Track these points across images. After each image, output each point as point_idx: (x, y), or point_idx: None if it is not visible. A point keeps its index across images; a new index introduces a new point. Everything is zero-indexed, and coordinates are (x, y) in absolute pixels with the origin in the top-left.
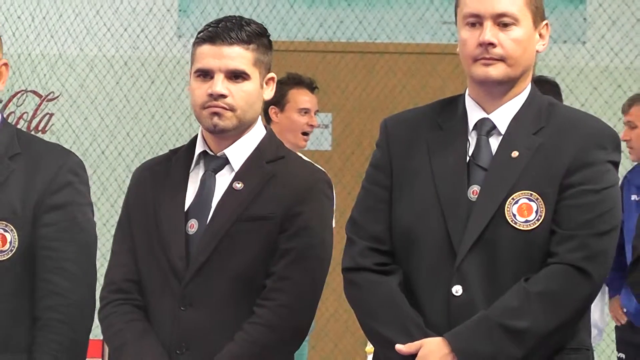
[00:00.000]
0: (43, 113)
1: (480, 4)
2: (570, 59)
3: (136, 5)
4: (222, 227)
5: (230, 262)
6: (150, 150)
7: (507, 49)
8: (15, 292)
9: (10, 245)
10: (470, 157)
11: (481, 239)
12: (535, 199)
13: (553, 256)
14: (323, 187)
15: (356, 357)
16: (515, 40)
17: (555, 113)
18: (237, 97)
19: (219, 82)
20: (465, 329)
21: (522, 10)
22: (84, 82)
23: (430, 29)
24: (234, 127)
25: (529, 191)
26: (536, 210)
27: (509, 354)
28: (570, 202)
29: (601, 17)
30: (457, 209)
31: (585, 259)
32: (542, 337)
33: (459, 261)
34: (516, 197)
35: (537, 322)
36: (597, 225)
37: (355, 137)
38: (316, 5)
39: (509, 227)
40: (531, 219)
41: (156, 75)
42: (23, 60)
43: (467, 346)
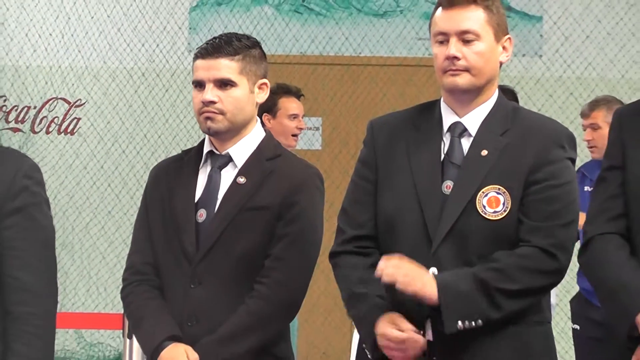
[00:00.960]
0: (71, 117)
1: (446, 23)
2: (528, 70)
3: (152, 24)
4: (227, 216)
5: (234, 246)
6: (164, 150)
7: (471, 61)
8: None
9: None
10: (444, 156)
11: (454, 228)
12: (503, 193)
13: (524, 243)
14: (315, 181)
15: (343, 329)
16: (478, 53)
17: (519, 117)
18: (226, 102)
19: (208, 90)
20: (450, 272)
21: (484, 27)
22: (107, 90)
23: (407, 44)
24: (225, 128)
25: (497, 185)
26: (503, 203)
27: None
28: (536, 196)
29: (555, 34)
30: (432, 201)
31: (552, 245)
32: (512, 296)
33: (434, 247)
34: (486, 191)
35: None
36: (562, 216)
37: (342, 138)
38: (308, 24)
39: (479, 217)
40: (499, 210)
41: (169, 84)
42: (54, 71)
43: (449, 280)
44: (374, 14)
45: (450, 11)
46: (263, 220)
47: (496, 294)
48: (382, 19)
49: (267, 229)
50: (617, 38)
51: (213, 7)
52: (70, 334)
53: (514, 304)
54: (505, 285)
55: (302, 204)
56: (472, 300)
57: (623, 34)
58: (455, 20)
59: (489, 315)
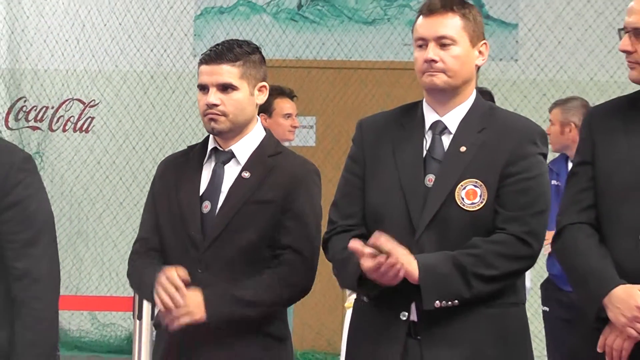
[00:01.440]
0: (86, 117)
1: (425, 29)
2: (505, 73)
3: (160, 31)
4: (233, 208)
5: (240, 236)
6: (171, 146)
7: (447, 64)
8: None
9: None
10: (426, 152)
11: (436, 218)
12: (480, 185)
13: (500, 231)
14: (313, 176)
15: (336, 311)
16: (454, 56)
17: (495, 116)
18: (228, 105)
19: (212, 94)
20: (431, 255)
21: (460, 33)
22: (119, 92)
23: (394, 49)
24: (228, 128)
25: (475, 179)
26: (480, 195)
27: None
28: (511, 188)
29: (530, 40)
30: (416, 194)
31: (526, 233)
32: (488, 280)
33: (418, 235)
34: (464, 184)
35: (487, 267)
36: (534, 206)
37: (335, 135)
38: (303, 31)
39: (458, 208)
40: (476, 202)
41: (176, 86)
42: (70, 74)
43: (430, 262)
44: (364, 21)
45: (430, 18)
46: (267, 213)
47: (472, 278)
48: (371, 26)
49: (271, 221)
50: (587, 44)
51: (216, 15)
52: (85, 315)
53: (488, 287)
54: (482, 269)
55: (302, 197)
56: (450, 282)
57: (592, 40)
58: (433, 26)
59: (464, 296)
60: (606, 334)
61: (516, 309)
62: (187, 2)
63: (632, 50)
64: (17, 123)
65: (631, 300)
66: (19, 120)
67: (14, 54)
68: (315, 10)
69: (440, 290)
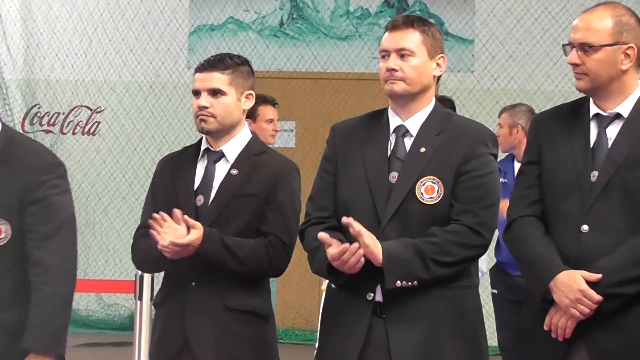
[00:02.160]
0: (93, 122)
1: (388, 42)
2: (462, 83)
3: (158, 46)
4: (223, 201)
5: (229, 225)
6: (168, 147)
7: (406, 73)
8: (12, 267)
9: (4, 234)
10: (390, 152)
11: (398, 211)
12: (437, 182)
13: (454, 222)
14: (293, 172)
15: (313, 292)
16: (412, 66)
17: (451, 121)
18: (217, 108)
19: (203, 98)
20: (395, 241)
21: (419, 46)
22: (122, 99)
23: (364, 62)
24: (215, 129)
25: (433, 176)
26: (437, 190)
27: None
28: (465, 184)
29: (484, 54)
30: (381, 189)
31: (478, 224)
32: (444, 266)
33: (382, 226)
34: (424, 181)
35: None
36: (485, 200)
37: (312, 138)
38: (284, 46)
39: (418, 202)
40: (434, 196)
41: (172, 95)
42: (79, 84)
43: (393, 247)
44: (338, 37)
45: (393, 33)
46: (253, 205)
47: (430, 262)
48: (344, 42)
49: (255, 212)
50: (534, 57)
51: (207, 32)
52: (92, 297)
53: (444, 271)
54: (439, 256)
55: (284, 191)
56: (410, 265)
57: (539, 54)
58: (395, 40)
59: (423, 277)
60: (552, 313)
61: (470, 291)
62: (182, 20)
63: (580, 62)
64: (32, 127)
65: (574, 284)
66: (33, 124)
67: (29, 65)
68: (295, 28)
69: (401, 271)
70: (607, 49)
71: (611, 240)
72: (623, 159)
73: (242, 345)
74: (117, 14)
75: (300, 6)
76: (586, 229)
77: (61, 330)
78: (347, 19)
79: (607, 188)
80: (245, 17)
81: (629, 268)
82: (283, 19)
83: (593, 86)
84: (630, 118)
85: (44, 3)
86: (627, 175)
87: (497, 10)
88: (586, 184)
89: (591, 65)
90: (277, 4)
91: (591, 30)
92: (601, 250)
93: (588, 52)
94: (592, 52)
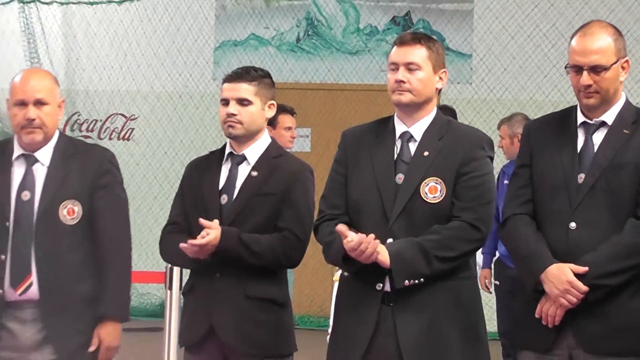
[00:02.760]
0: (127, 128)
1: (397, 56)
2: (461, 93)
3: (187, 59)
4: (244, 200)
5: (248, 221)
6: (196, 152)
7: (413, 85)
8: (82, 243)
9: (77, 214)
10: (397, 156)
11: (405, 209)
12: (440, 183)
13: (455, 218)
14: (307, 173)
15: (326, 282)
16: (419, 79)
17: (452, 127)
18: (244, 115)
19: (231, 106)
20: (400, 242)
21: (425, 61)
22: (154, 108)
23: (373, 74)
24: (242, 134)
25: (436, 177)
26: (440, 190)
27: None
28: (464, 184)
29: (481, 67)
30: (388, 190)
31: (476, 219)
32: (446, 261)
33: (390, 224)
34: (428, 182)
35: (446, 251)
36: (482, 198)
37: (326, 143)
38: (301, 60)
39: (422, 201)
40: (437, 196)
41: (199, 104)
42: (115, 94)
43: (398, 249)
44: (349, 52)
45: (401, 48)
46: (270, 203)
47: (433, 259)
48: (354, 56)
49: (272, 209)
50: (527, 70)
51: (231, 47)
52: None
53: (446, 265)
54: (441, 252)
55: (299, 190)
56: (415, 264)
57: (531, 67)
58: (404, 54)
59: (427, 273)
60: (542, 303)
61: (469, 282)
62: (208, 36)
63: (592, 83)
64: (72, 133)
65: (562, 276)
66: (73, 130)
67: (70, 77)
68: (310, 43)
69: (408, 272)
70: (614, 67)
71: (596, 237)
72: (607, 163)
73: (262, 330)
74: (150, 31)
75: (315, 24)
76: (574, 226)
77: (128, 299)
78: (358, 36)
79: (593, 189)
80: (265, 34)
81: (613, 262)
82: (299, 35)
83: (602, 102)
84: (614, 125)
85: (83, 21)
86: (611, 178)
87: (493, 27)
88: (573, 186)
89: (604, 84)
90: (294, 21)
91: (600, 52)
92: (587, 246)
93: (600, 72)
94: (604, 72)
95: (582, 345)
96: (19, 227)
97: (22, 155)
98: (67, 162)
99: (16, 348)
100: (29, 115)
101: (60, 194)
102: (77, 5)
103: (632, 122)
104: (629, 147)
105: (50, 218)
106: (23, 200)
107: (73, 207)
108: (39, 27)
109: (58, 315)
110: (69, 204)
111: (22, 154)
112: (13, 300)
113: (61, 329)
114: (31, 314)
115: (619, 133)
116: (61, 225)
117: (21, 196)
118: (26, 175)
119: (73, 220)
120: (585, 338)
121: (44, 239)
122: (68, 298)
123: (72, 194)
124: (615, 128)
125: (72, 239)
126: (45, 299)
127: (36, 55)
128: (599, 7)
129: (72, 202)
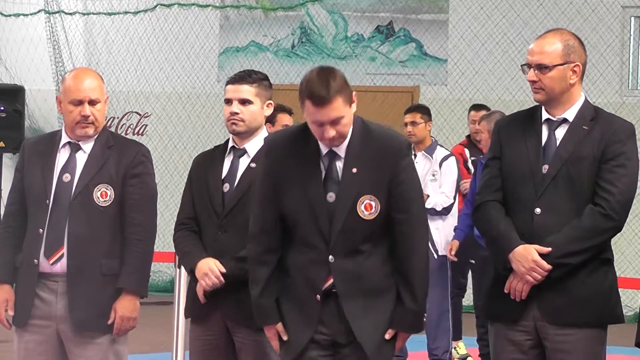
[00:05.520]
0: (141, 124)
1: (320, 115)
2: (438, 94)
3: (194, 63)
4: (243, 188)
5: (248, 207)
6: (202, 146)
7: (340, 132)
8: (112, 224)
9: (109, 197)
10: (325, 174)
11: (344, 227)
12: (374, 200)
13: (395, 226)
14: None
15: None
16: (343, 125)
17: (369, 134)
18: (246, 114)
19: (234, 105)
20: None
21: (345, 109)
22: (165, 107)
23: (359, 77)
24: (244, 131)
25: (370, 195)
26: (374, 206)
27: None
28: (398, 191)
29: (455, 71)
30: (321, 209)
31: (408, 221)
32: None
33: (332, 243)
34: (363, 200)
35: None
36: (418, 199)
37: None
38: (296, 64)
39: (359, 218)
40: (372, 212)
41: (205, 103)
42: (131, 94)
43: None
44: (338, 57)
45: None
46: None
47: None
48: (343, 60)
49: None
50: (496, 73)
51: (234, 53)
52: None
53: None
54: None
55: None
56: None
57: (500, 71)
58: (325, 113)
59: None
60: (511, 279)
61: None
62: (213, 43)
63: (537, 80)
64: None
65: (529, 255)
66: None
67: None
68: (304, 49)
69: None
70: (558, 68)
71: (558, 221)
72: (568, 155)
73: None
74: (162, 38)
75: (308, 32)
76: (538, 211)
77: (147, 278)
78: (346, 43)
79: (555, 179)
80: (264, 41)
81: (573, 243)
82: (294, 43)
83: (548, 98)
84: (575, 122)
85: (103, 29)
86: (572, 169)
87: (466, 35)
88: (538, 175)
89: (546, 82)
90: (289, 30)
91: (545, 53)
92: (550, 229)
93: (543, 71)
94: (547, 71)
95: (546, 317)
96: (57, 205)
97: (68, 143)
98: (106, 152)
99: (47, 317)
100: (85, 113)
101: (96, 178)
102: (97, 16)
103: (590, 119)
104: (587, 141)
105: (85, 199)
106: (64, 181)
107: (106, 190)
108: (63, 35)
109: (81, 286)
110: (103, 187)
111: (69, 142)
112: (47, 272)
113: (82, 300)
114: (62, 287)
115: (579, 129)
116: (94, 205)
117: (62, 178)
118: (69, 160)
119: (105, 203)
120: (548, 310)
121: (78, 216)
122: (92, 272)
123: (107, 179)
124: (575, 124)
125: (103, 219)
126: (71, 270)
127: (60, 60)
128: (559, 17)
129: (106, 187)
